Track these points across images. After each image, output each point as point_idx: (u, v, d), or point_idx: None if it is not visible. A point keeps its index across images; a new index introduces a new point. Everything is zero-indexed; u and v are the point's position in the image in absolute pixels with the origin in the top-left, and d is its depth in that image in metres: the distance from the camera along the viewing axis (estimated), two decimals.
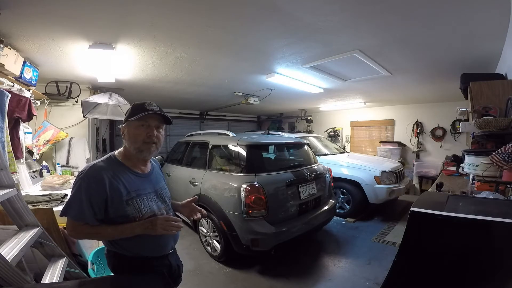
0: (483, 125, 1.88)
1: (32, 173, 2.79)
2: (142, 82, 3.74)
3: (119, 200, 1.04)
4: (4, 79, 2.21)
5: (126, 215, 1.05)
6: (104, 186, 1.01)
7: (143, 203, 1.10)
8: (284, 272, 2.54)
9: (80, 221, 1.01)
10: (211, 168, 2.98)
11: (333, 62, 2.86)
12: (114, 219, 1.04)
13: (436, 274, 1.04)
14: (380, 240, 3.29)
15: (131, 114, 1.10)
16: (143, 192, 1.13)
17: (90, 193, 1.00)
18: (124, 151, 1.16)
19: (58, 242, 1.67)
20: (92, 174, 1.03)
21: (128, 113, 1.14)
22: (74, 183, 1.05)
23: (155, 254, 1.18)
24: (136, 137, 1.10)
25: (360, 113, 7.02)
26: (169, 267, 1.24)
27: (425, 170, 5.57)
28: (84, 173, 1.03)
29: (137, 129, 1.11)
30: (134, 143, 1.11)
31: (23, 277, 1.17)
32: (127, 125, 1.13)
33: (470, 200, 1.48)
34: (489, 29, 2.03)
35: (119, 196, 1.04)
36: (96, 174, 1.03)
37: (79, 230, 1.03)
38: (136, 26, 2.00)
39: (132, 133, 1.11)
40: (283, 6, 1.73)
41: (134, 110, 1.11)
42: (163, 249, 1.21)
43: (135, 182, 1.12)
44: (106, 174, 1.04)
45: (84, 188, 1.00)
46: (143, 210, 1.09)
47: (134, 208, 1.07)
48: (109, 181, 1.03)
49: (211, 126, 7.80)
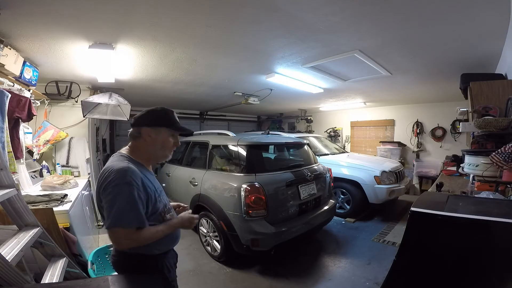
0: (483, 125, 1.88)
1: (32, 173, 2.79)
2: (142, 82, 3.74)
3: (154, 198, 1.08)
4: (4, 79, 2.21)
5: (157, 211, 1.09)
6: (145, 187, 1.04)
7: (163, 198, 1.18)
8: (284, 272, 2.54)
9: (138, 225, 0.96)
10: (211, 168, 2.98)
11: (333, 62, 2.86)
12: (148, 217, 1.05)
13: (436, 274, 1.04)
14: (380, 240, 3.29)
15: (167, 123, 1.14)
16: (160, 189, 1.19)
17: (140, 197, 0.98)
18: (137, 151, 1.14)
19: (58, 242, 1.67)
20: (135, 177, 0.99)
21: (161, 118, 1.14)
22: (118, 190, 0.95)
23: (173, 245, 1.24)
24: (165, 145, 1.15)
25: (360, 113, 7.02)
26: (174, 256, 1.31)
27: (425, 170, 5.57)
28: (125, 176, 0.97)
29: (169, 138, 1.16)
30: (161, 150, 1.15)
31: (23, 277, 1.17)
32: (157, 131, 1.12)
33: (470, 200, 1.48)
34: (489, 29, 2.03)
35: (154, 194, 1.08)
36: (138, 177, 1.01)
37: (136, 237, 0.96)
38: (136, 26, 2.00)
39: (162, 141, 1.14)
40: (283, 6, 1.72)
41: (169, 119, 1.15)
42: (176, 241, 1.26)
43: (154, 179, 1.18)
44: (139, 175, 1.03)
45: (131, 193, 0.95)
46: (166, 203, 1.18)
47: (161, 202, 1.13)
48: (143, 181, 1.04)
49: (211, 126, 7.80)
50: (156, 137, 1.12)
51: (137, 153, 1.14)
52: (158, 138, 1.13)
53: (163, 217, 1.12)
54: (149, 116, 1.13)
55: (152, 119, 1.13)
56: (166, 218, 1.14)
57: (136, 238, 0.96)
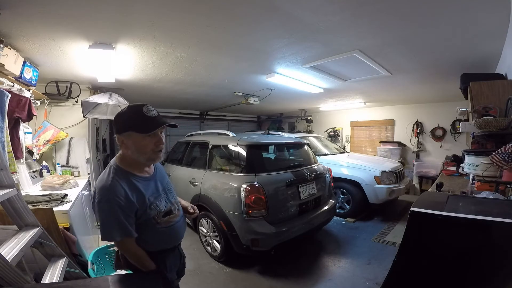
0: (483, 125, 1.88)
1: (32, 173, 2.79)
2: (142, 82, 3.74)
3: (145, 207, 1.09)
4: (4, 79, 2.21)
5: (149, 218, 1.10)
6: (131, 199, 1.03)
7: (160, 203, 1.16)
8: (284, 272, 2.54)
9: (127, 235, 1.03)
10: (211, 168, 2.98)
11: (333, 62, 2.86)
12: (138, 224, 1.08)
13: (436, 274, 1.04)
14: (380, 240, 3.29)
15: (133, 124, 1.03)
16: (157, 194, 1.17)
17: (123, 210, 1.01)
18: (127, 159, 1.10)
19: (58, 242, 1.67)
20: (116, 193, 1.00)
21: (126, 121, 1.04)
22: (100, 207, 1.00)
23: (172, 245, 1.24)
24: (144, 148, 1.05)
25: (360, 113, 7.02)
26: (180, 257, 1.32)
27: (425, 170, 5.57)
28: (106, 194, 1.00)
29: (144, 139, 1.04)
30: (143, 154, 1.07)
31: (23, 277, 1.16)
32: (128, 136, 1.04)
33: (470, 200, 1.48)
34: (489, 29, 2.03)
35: (144, 204, 1.08)
36: (120, 192, 1.01)
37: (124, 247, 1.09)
38: (136, 26, 2.00)
39: (140, 145, 1.04)
40: (283, 6, 1.72)
41: (134, 119, 1.03)
42: (180, 238, 1.27)
43: (148, 186, 1.14)
44: (125, 188, 1.03)
45: (116, 209, 0.99)
46: (160, 208, 1.15)
47: (155, 209, 1.12)
48: (131, 193, 1.04)
49: (211, 126, 7.80)
50: (128, 142, 1.05)
51: (125, 161, 1.11)
52: (135, 143, 1.04)
53: (157, 221, 1.12)
54: (117, 122, 1.07)
55: (120, 125, 1.06)
56: (160, 221, 1.13)
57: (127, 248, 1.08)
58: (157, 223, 1.13)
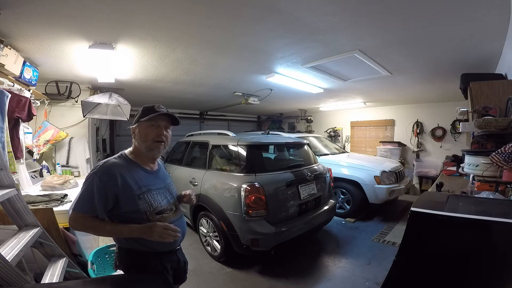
0: (483, 125, 1.88)
1: (32, 173, 2.79)
2: (142, 82, 3.74)
3: (131, 195, 1.09)
4: (4, 79, 2.21)
5: (137, 210, 1.10)
6: (115, 181, 1.06)
7: (153, 197, 1.16)
8: (284, 272, 2.54)
9: (88, 213, 1.04)
10: (211, 168, 2.97)
11: (333, 62, 2.86)
12: (126, 214, 1.09)
13: (436, 274, 1.04)
14: (380, 240, 3.29)
15: (142, 115, 1.17)
16: (153, 187, 1.18)
17: (102, 187, 1.04)
18: (134, 150, 1.22)
19: (58, 242, 1.67)
20: (104, 169, 1.08)
21: (139, 114, 1.20)
22: (86, 177, 1.08)
23: (166, 249, 1.22)
24: (146, 136, 1.17)
25: (360, 113, 7.02)
26: (178, 262, 1.30)
27: (425, 170, 5.57)
28: (97, 168, 1.08)
29: (147, 128, 1.17)
30: (144, 141, 1.17)
31: (23, 277, 1.17)
32: (138, 126, 1.20)
33: (470, 200, 1.48)
34: (489, 29, 2.03)
35: (130, 191, 1.09)
36: (109, 170, 1.08)
37: (81, 221, 1.07)
38: (136, 26, 2.00)
39: (143, 133, 1.17)
40: (283, 6, 1.72)
41: (144, 111, 1.18)
42: (174, 243, 1.24)
43: (146, 178, 1.18)
44: (118, 170, 1.09)
45: (96, 182, 1.04)
46: (154, 204, 1.15)
47: (146, 203, 1.12)
48: (121, 176, 1.08)
49: (211, 126, 7.80)
50: (139, 130, 1.19)
51: (135, 152, 1.22)
52: (141, 131, 1.18)
53: (147, 217, 1.11)
54: (134, 117, 1.23)
55: (136, 119, 1.22)
56: (152, 218, 1.11)
57: (83, 223, 1.06)
58: (148, 220, 1.11)
